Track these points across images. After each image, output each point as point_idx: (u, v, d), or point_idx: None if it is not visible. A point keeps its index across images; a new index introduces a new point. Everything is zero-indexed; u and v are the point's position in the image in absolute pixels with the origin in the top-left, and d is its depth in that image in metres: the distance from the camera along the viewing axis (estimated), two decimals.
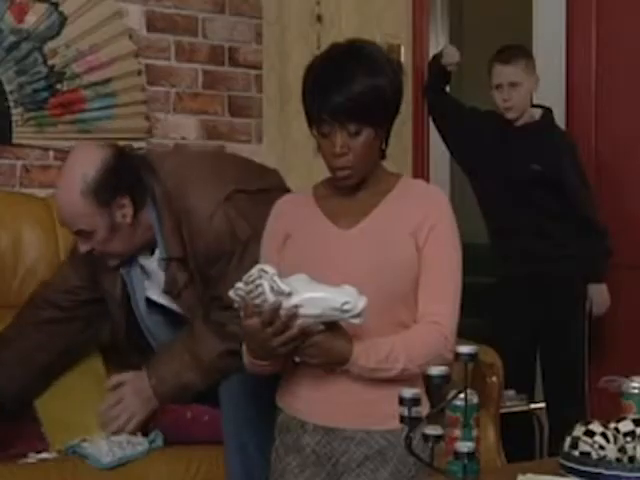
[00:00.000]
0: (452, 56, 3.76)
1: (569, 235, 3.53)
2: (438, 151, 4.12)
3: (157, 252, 2.45)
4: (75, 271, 2.57)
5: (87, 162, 2.35)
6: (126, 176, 2.38)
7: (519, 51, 3.56)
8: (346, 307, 1.76)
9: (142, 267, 2.50)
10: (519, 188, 3.50)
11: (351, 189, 1.97)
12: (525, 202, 3.51)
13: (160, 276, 2.46)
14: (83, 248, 2.39)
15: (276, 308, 1.75)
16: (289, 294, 1.75)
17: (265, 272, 1.76)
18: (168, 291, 2.45)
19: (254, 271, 1.77)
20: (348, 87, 1.85)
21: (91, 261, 2.49)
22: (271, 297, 1.75)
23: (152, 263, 2.46)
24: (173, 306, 2.52)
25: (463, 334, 1.99)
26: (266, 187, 2.18)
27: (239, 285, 1.80)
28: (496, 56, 3.56)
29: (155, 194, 2.41)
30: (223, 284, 1.87)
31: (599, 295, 3.59)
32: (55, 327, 2.54)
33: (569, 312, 3.56)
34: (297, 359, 1.86)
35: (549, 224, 3.53)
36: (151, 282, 2.51)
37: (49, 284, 2.63)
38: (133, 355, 2.57)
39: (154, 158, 2.52)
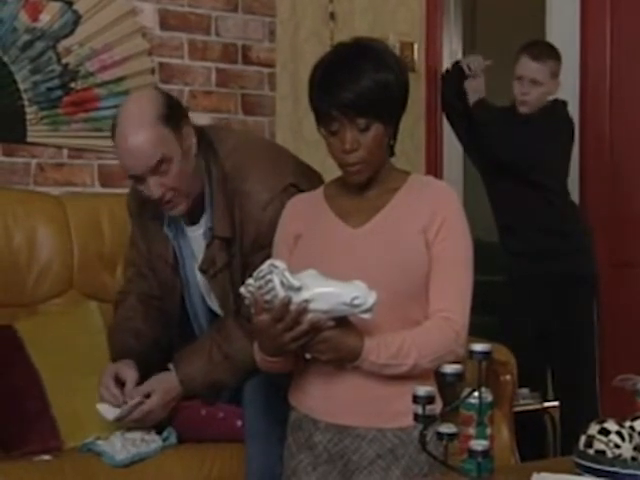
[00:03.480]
0: (477, 64, 3.68)
1: (578, 232, 3.52)
2: (451, 149, 4.12)
3: (202, 220, 2.43)
4: (138, 253, 2.59)
5: (148, 97, 2.38)
6: (182, 109, 2.42)
7: (551, 51, 3.53)
8: (356, 302, 1.76)
9: (187, 238, 2.49)
10: (527, 184, 3.49)
11: (361, 187, 1.97)
12: (534, 199, 3.50)
13: (202, 248, 2.44)
14: (157, 191, 2.32)
15: (286, 303, 1.76)
16: (299, 289, 1.75)
17: (275, 267, 1.76)
18: (204, 270, 2.43)
19: (264, 267, 1.78)
20: (356, 83, 1.86)
21: (146, 235, 2.52)
22: (281, 292, 1.75)
23: (196, 231, 2.45)
24: (208, 298, 2.52)
25: (473, 333, 1.99)
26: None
27: (249, 281, 1.80)
28: (527, 48, 3.52)
29: (211, 169, 2.40)
30: None
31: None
32: (150, 307, 2.57)
33: (578, 310, 3.55)
34: (308, 355, 1.86)
35: (558, 221, 3.52)
36: (194, 255, 2.49)
37: (126, 277, 2.67)
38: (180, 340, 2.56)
39: (213, 134, 2.51)
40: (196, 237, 2.46)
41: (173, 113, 2.34)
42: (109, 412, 2.37)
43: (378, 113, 1.87)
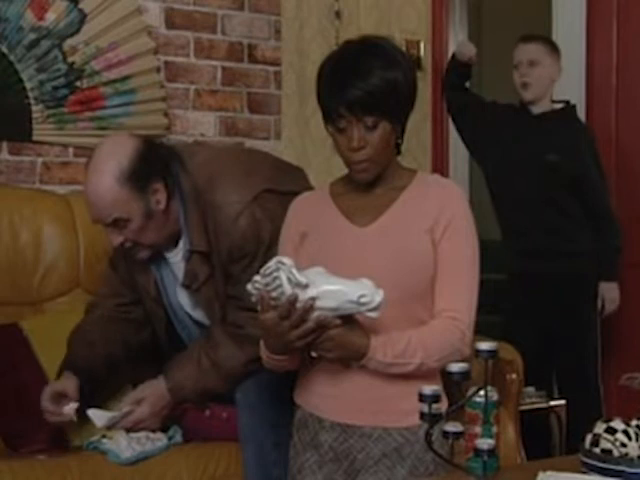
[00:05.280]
0: (467, 49, 3.72)
1: (581, 232, 3.51)
2: (457, 149, 4.11)
3: (181, 243, 2.43)
4: (115, 274, 2.58)
5: (119, 150, 2.32)
6: (158, 163, 2.37)
7: (543, 37, 3.58)
8: (363, 300, 1.75)
9: (168, 263, 2.49)
10: (534, 183, 3.48)
11: (367, 185, 1.97)
12: (539, 198, 3.50)
13: (182, 269, 2.45)
14: (116, 241, 2.35)
15: (293, 301, 1.76)
16: (306, 286, 1.75)
17: (283, 264, 1.76)
18: (187, 285, 2.44)
19: (272, 263, 1.78)
20: (365, 81, 1.85)
21: (127, 261, 2.50)
22: (288, 289, 1.75)
23: (176, 255, 2.46)
24: (195, 312, 2.52)
25: (478, 332, 1.99)
26: (295, 190, 2.18)
27: (256, 278, 1.80)
28: (519, 38, 3.59)
29: (182, 185, 2.40)
30: (242, 284, 1.89)
31: (609, 293, 3.56)
32: (111, 325, 2.55)
33: (580, 309, 3.55)
34: (314, 354, 1.86)
35: (562, 221, 3.51)
36: (177, 280, 2.49)
37: (98, 293, 2.65)
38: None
39: (184, 150, 2.51)
40: (176, 262, 2.46)
41: (140, 172, 2.30)
42: (98, 418, 2.37)
43: (386, 111, 1.87)
